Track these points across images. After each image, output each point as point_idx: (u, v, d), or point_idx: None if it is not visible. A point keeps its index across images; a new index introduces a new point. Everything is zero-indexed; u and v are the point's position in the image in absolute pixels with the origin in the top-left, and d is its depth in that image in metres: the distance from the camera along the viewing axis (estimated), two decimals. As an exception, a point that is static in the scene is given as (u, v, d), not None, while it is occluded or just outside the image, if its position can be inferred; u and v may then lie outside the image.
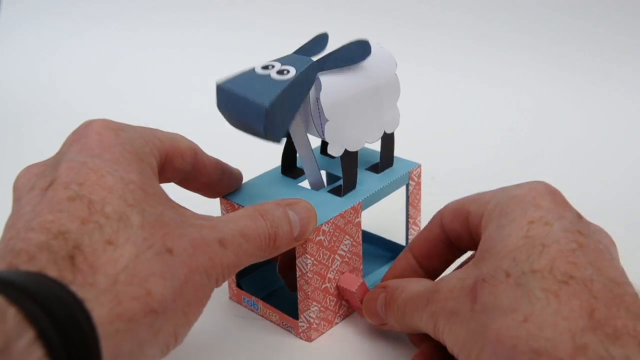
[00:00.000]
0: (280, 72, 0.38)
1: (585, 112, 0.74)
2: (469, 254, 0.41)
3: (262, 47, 0.82)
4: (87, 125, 0.34)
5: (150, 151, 0.35)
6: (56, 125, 0.70)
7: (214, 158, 0.41)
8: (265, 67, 0.39)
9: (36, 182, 0.32)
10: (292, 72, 0.38)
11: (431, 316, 0.34)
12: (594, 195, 0.59)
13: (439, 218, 0.40)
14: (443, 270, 0.42)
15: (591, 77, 0.77)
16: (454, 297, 0.33)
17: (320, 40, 0.42)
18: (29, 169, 0.34)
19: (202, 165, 0.40)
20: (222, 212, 0.44)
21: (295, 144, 0.43)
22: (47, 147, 0.42)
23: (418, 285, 0.37)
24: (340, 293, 0.43)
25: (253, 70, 0.39)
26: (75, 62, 0.94)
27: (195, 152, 0.39)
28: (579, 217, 0.34)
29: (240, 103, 0.38)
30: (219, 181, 0.42)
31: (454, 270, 0.36)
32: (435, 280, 0.36)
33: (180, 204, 0.35)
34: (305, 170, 0.44)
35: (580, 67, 0.78)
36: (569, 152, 0.68)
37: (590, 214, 0.36)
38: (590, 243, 0.32)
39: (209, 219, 0.34)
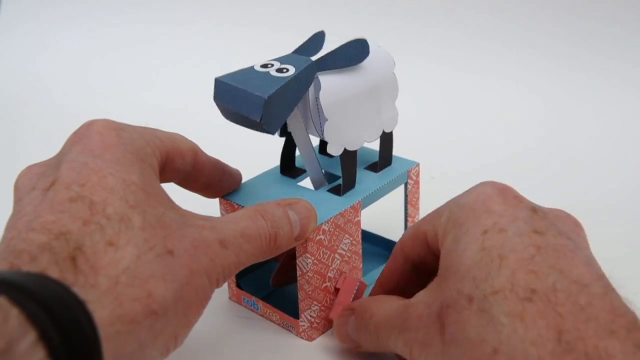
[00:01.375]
0: (279, 70, 0.38)
1: (587, 110, 0.74)
2: None
3: (261, 45, 0.82)
4: (89, 126, 0.34)
5: (152, 151, 0.35)
6: (55, 125, 0.70)
7: (214, 158, 0.41)
8: (265, 66, 0.39)
9: (37, 182, 0.32)
10: (292, 70, 0.38)
11: (405, 344, 0.33)
12: (593, 193, 0.59)
13: (400, 248, 0.39)
14: None
15: (595, 76, 0.77)
16: (423, 325, 0.32)
17: (318, 38, 0.42)
18: (30, 168, 0.34)
19: (202, 166, 0.40)
20: (221, 212, 0.44)
21: (296, 142, 0.43)
22: (46, 147, 0.42)
23: (387, 306, 0.36)
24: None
25: (252, 67, 0.39)
26: (75, 62, 0.94)
27: (196, 152, 0.39)
28: (533, 211, 0.32)
29: (239, 96, 0.37)
30: (219, 181, 0.42)
31: (423, 290, 0.34)
32: (406, 302, 0.35)
33: (180, 204, 0.35)
34: (306, 168, 0.44)
35: (583, 65, 0.78)
36: (570, 150, 0.68)
37: (590, 214, 0.35)
38: (549, 241, 0.30)
39: (210, 220, 0.34)
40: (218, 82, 0.38)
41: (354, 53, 0.41)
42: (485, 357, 0.28)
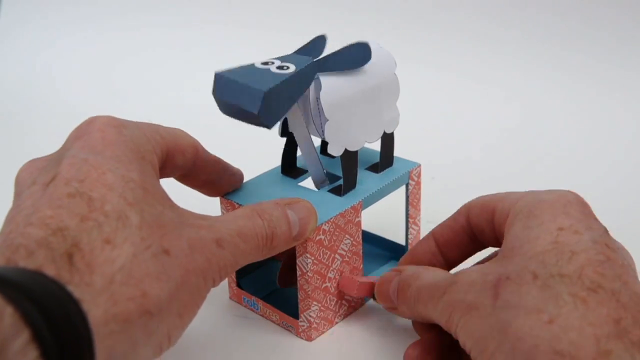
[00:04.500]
0: (280, 68, 0.38)
1: (586, 113, 0.74)
2: (487, 251, 0.41)
3: (262, 45, 0.82)
4: (90, 122, 0.34)
5: (152, 149, 0.35)
6: (56, 122, 0.70)
7: (215, 156, 0.41)
8: (265, 63, 0.39)
9: (38, 176, 0.32)
10: (292, 68, 0.38)
11: (447, 306, 0.34)
12: (601, 195, 0.59)
13: (466, 210, 0.40)
14: (460, 262, 0.42)
15: (593, 78, 0.77)
16: (474, 290, 0.33)
17: (319, 42, 0.42)
18: (31, 163, 0.34)
19: (203, 162, 0.40)
20: (222, 211, 0.44)
21: (297, 141, 0.43)
22: (47, 144, 0.42)
23: (435, 274, 0.37)
24: (341, 284, 0.43)
25: (253, 64, 0.39)
26: (76, 60, 0.94)
27: (197, 149, 0.39)
28: (606, 231, 0.34)
29: (238, 89, 0.37)
30: (219, 179, 0.42)
31: (473, 265, 0.35)
32: (454, 272, 0.36)
33: (180, 202, 0.35)
34: (308, 167, 0.44)
35: (582, 68, 0.78)
36: (570, 153, 0.68)
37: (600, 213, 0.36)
38: (617, 258, 0.32)
39: (207, 219, 0.34)
40: (218, 76, 0.38)
41: (355, 56, 0.41)
42: (538, 324, 0.29)
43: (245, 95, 0.37)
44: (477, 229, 0.39)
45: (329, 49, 0.41)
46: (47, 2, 1.01)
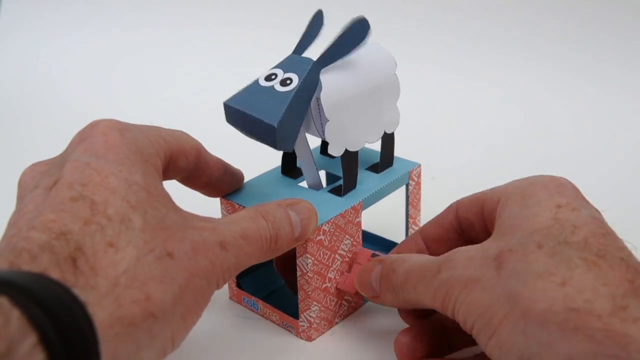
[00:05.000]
0: (283, 83, 0.38)
1: (589, 113, 0.74)
2: None
3: (262, 45, 0.82)
4: (93, 126, 0.34)
5: (156, 152, 0.35)
6: (58, 124, 0.70)
7: (217, 157, 0.41)
8: (269, 78, 0.39)
9: (40, 180, 0.32)
10: (295, 80, 0.38)
11: (442, 284, 0.33)
12: (604, 195, 0.59)
13: (455, 206, 0.40)
14: None
15: (596, 78, 0.77)
16: (474, 265, 0.33)
17: (316, 21, 0.42)
18: (34, 166, 0.34)
19: (205, 164, 0.40)
20: (222, 212, 0.44)
21: (294, 147, 0.43)
22: (49, 146, 0.42)
23: (424, 257, 0.37)
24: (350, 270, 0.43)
25: (257, 82, 0.39)
26: (76, 60, 0.94)
27: (199, 151, 0.39)
28: (599, 212, 0.34)
29: (249, 121, 0.38)
30: (221, 180, 0.42)
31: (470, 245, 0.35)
32: (446, 253, 0.35)
33: (181, 203, 0.35)
34: (304, 173, 0.44)
35: (584, 68, 0.78)
36: (573, 153, 0.68)
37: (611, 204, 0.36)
38: (615, 235, 0.32)
39: (211, 221, 0.34)
40: (227, 106, 0.39)
41: (354, 35, 0.40)
42: (551, 287, 0.29)
43: (259, 128, 0.38)
44: (465, 224, 0.39)
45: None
46: (47, 2, 1.00)
